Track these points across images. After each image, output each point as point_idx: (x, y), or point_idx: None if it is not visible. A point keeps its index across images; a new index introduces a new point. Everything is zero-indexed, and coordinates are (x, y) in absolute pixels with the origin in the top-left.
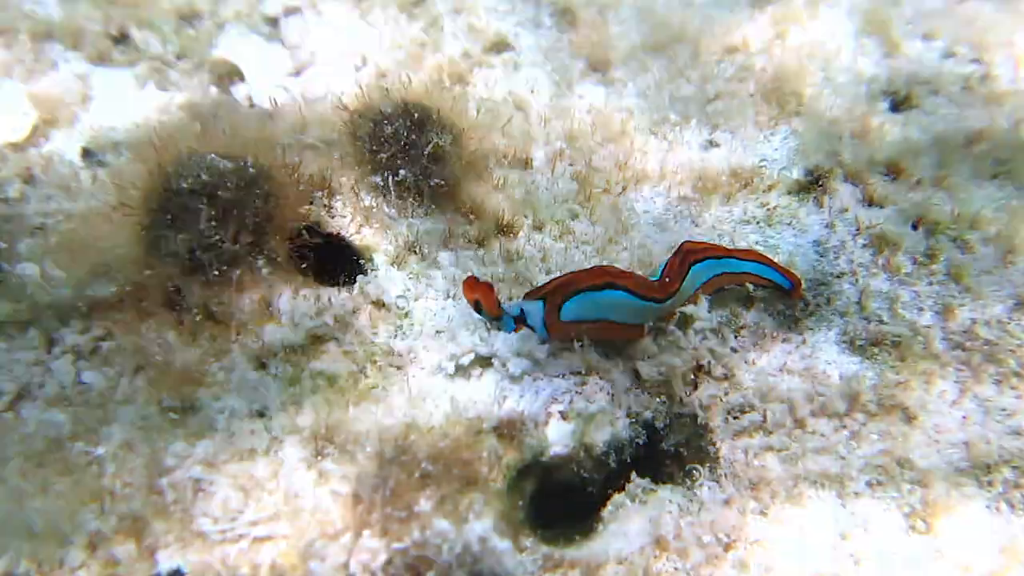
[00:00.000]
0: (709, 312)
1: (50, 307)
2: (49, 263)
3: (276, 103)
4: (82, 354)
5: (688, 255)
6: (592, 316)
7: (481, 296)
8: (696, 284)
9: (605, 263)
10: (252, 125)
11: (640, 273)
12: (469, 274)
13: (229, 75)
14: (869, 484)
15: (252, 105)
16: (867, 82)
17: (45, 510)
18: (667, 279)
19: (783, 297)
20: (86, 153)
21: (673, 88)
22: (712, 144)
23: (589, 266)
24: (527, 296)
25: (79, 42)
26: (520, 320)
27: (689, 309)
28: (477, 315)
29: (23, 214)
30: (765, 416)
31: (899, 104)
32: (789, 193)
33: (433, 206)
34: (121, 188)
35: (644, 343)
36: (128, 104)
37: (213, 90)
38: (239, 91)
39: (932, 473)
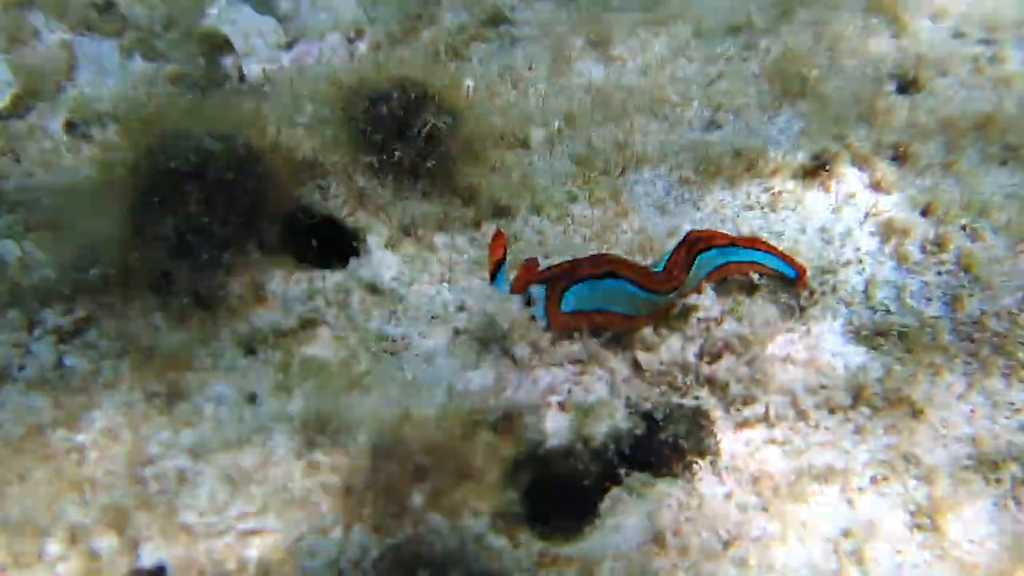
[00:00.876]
0: (713, 301)
1: (31, 288)
2: (30, 242)
3: (268, 77)
4: (64, 337)
5: (693, 245)
6: (593, 305)
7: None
8: (701, 274)
9: (605, 248)
10: (243, 102)
11: (642, 262)
12: (499, 229)
13: (218, 46)
14: (874, 480)
15: (243, 78)
16: (874, 63)
17: (23, 499)
18: (673, 271)
19: (787, 286)
20: (70, 125)
21: (675, 66)
22: (714, 125)
23: (590, 253)
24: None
25: (63, 10)
26: (526, 303)
27: (692, 299)
28: (491, 281)
29: (3, 189)
30: (767, 408)
31: (906, 86)
32: (794, 177)
33: (429, 187)
34: (107, 167)
35: (644, 332)
36: (114, 75)
37: (202, 62)
38: (229, 63)
39: (938, 469)
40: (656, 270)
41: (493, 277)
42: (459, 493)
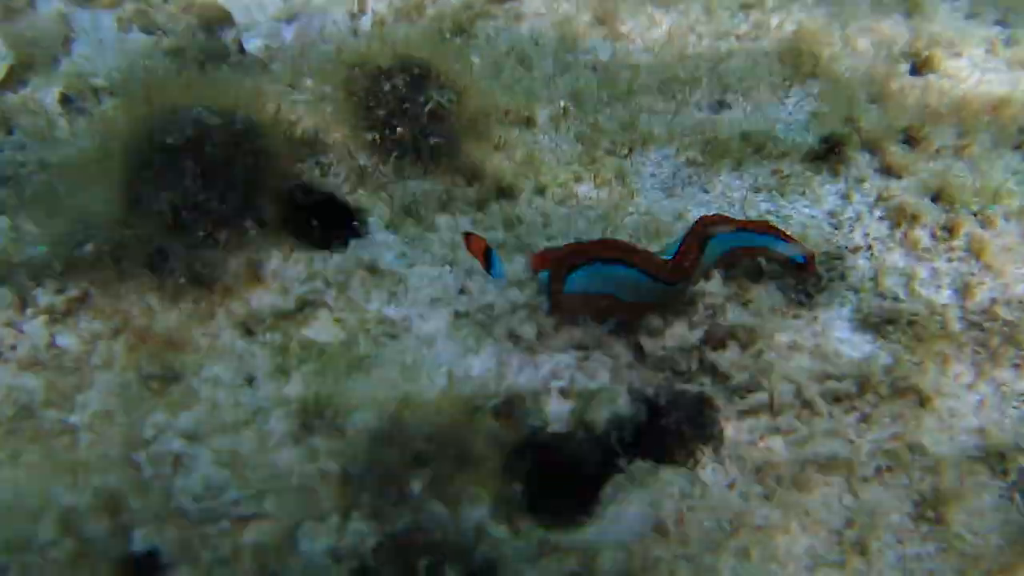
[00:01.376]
0: (720, 287)
1: (23, 264)
2: (22, 217)
3: (268, 51)
4: (57, 316)
5: (703, 232)
6: (597, 290)
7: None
8: (710, 260)
9: (610, 231)
10: (242, 76)
11: (649, 248)
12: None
13: (218, 19)
14: (879, 470)
15: (242, 52)
16: (887, 43)
17: (14, 482)
18: (683, 262)
19: (795, 272)
20: (65, 99)
21: (683, 44)
22: (723, 105)
23: (599, 237)
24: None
25: None
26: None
27: (700, 285)
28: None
29: None
30: (772, 396)
31: (920, 67)
32: (803, 160)
33: (431, 166)
34: (102, 141)
35: (649, 317)
36: (111, 48)
37: (201, 35)
38: (228, 37)
39: (944, 460)
40: (665, 258)
41: (488, 267)
42: (459, 480)
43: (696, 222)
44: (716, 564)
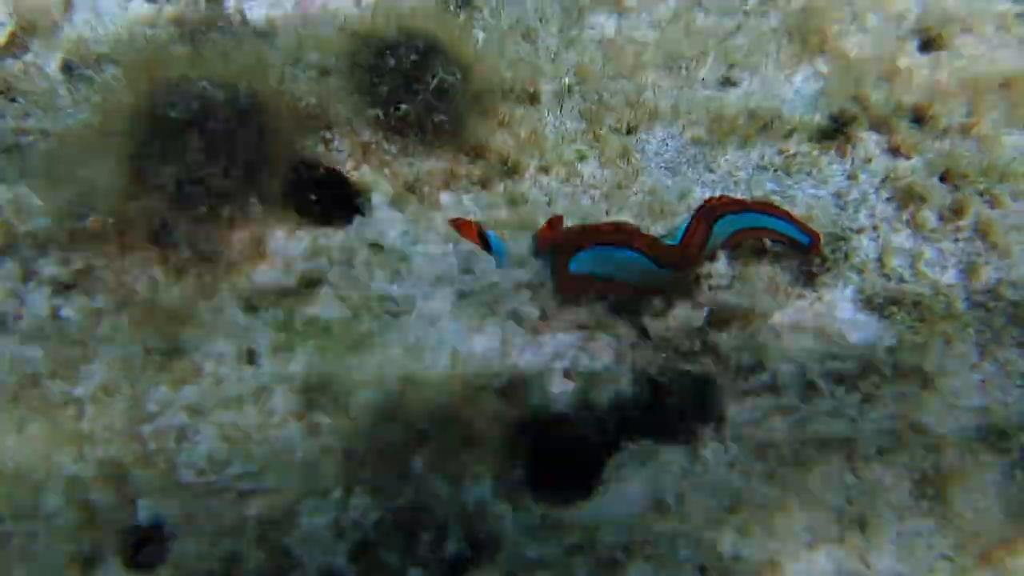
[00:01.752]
0: (726, 268)
1: (26, 235)
2: (25, 187)
3: (271, 22)
4: (60, 288)
5: (709, 216)
6: (603, 272)
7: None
8: (716, 242)
9: (615, 211)
10: (246, 48)
11: (654, 231)
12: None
13: None
14: (880, 449)
15: (245, 22)
16: (896, 19)
17: (19, 450)
18: (690, 247)
19: (800, 252)
20: (67, 67)
21: (690, 19)
22: (729, 82)
23: (606, 220)
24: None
25: None
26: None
27: (705, 267)
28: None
29: None
30: (775, 376)
31: (929, 44)
32: (810, 139)
33: (436, 143)
34: (106, 112)
35: (652, 297)
36: (113, 15)
37: (203, 4)
38: (231, 6)
39: (946, 439)
40: (671, 243)
41: (487, 248)
42: (461, 458)
43: (701, 205)
44: (716, 541)
